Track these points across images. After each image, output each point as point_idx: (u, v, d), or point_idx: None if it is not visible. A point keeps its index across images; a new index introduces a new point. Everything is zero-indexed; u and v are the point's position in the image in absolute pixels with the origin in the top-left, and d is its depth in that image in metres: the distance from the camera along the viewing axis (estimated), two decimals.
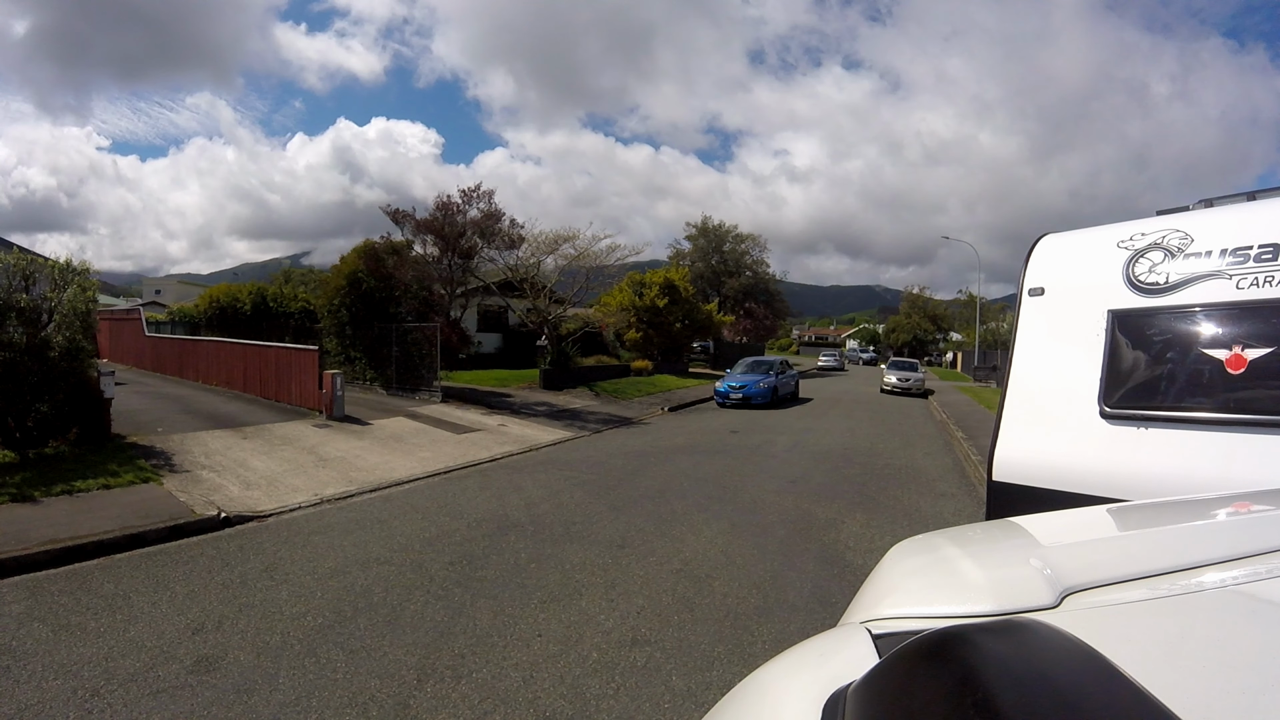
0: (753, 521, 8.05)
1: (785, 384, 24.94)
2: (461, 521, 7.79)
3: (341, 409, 15.06)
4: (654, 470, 11.20)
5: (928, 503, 9.51)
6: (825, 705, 0.88)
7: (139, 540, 6.71)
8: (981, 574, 1.43)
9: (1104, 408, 3.54)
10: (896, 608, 1.27)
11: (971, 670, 0.72)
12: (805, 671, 1.05)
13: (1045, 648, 0.78)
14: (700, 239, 55.54)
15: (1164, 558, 1.28)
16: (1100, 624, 0.99)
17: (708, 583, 6.00)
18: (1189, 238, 3.48)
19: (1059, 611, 1.06)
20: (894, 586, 1.46)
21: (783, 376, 24.71)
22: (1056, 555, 1.46)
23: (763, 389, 22.58)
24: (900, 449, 14.51)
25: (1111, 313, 3.63)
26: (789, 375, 25.82)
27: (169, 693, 3.99)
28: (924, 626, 0.98)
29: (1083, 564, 1.31)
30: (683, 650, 4.66)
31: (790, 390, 25.81)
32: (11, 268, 8.67)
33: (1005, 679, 0.69)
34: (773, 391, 23.03)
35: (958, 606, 1.19)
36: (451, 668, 4.34)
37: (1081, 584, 1.15)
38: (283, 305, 28.24)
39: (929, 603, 1.29)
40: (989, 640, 0.79)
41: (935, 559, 1.60)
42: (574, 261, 24.52)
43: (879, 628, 1.14)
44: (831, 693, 0.90)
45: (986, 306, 60.04)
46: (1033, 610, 1.07)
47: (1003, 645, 0.78)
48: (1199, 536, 1.62)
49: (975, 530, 2.01)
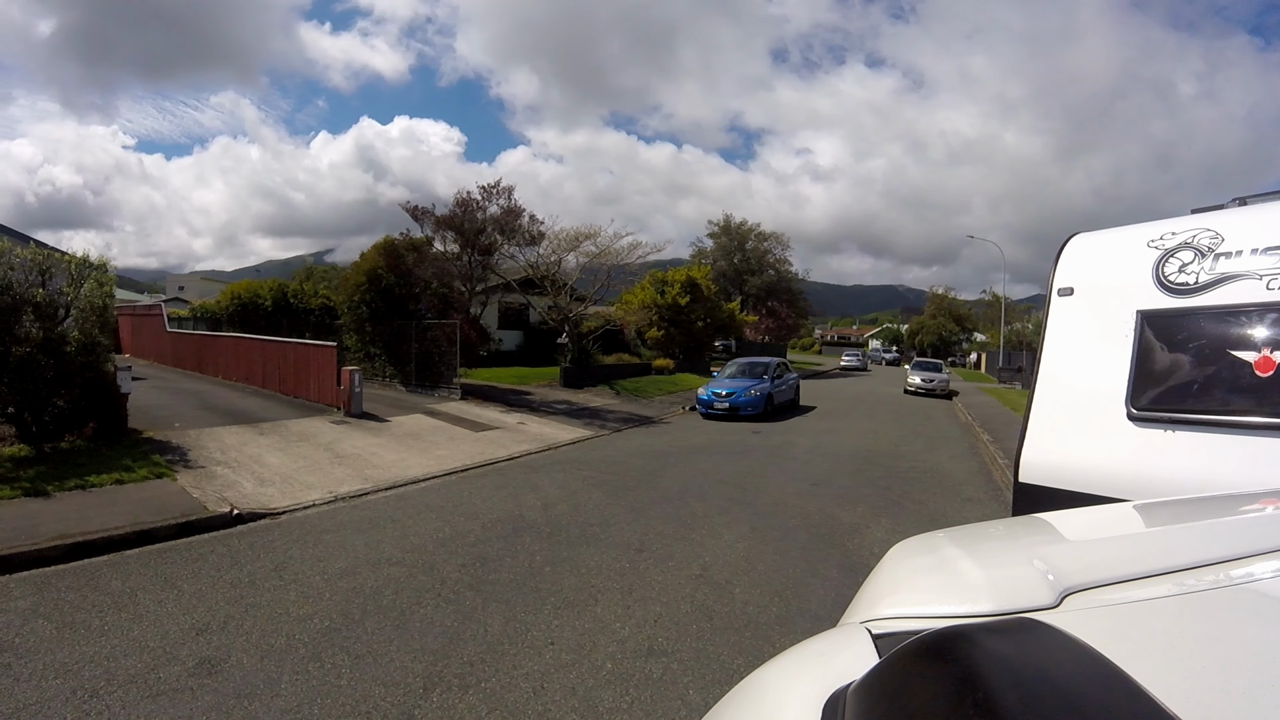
0: (774, 525, 7.83)
1: (783, 390, 21.33)
2: (476, 522, 7.64)
3: (359, 405, 15.02)
4: (674, 471, 11.01)
5: (954, 507, 9.24)
6: (825, 705, 0.87)
7: (149, 537, 6.63)
8: (981, 574, 1.42)
9: (1131, 410, 3.50)
10: (896, 607, 1.28)
11: (972, 670, 0.71)
12: (805, 671, 1.05)
13: (1046, 648, 0.77)
14: (722, 237, 55.31)
15: (1164, 557, 1.29)
16: (1100, 624, 1.00)
17: (727, 590, 5.79)
18: (1219, 237, 3.42)
19: (1059, 611, 1.06)
20: (894, 586, 1.47)
21: (779, 381, 21.05)
22: (1057, 555, 1.46)
23: (754, 397, 18.83)
24: (925, 451, 14.21)
25: (1140, 313, 3.59)
26: (787, 380, 22.19)
27: (168, 695, 3.87)
28: (924, 626, 0.98)
29: (1083, 564, 1.33)
30: (700, 662, 4.46)
31: (788, 398, 22.09)
32: (28, 263, 8.66)
33: (1005, 679, 0.69)
34: (766, 400, 19.31)
35: (958, 606, 1.19)
36: (459, 676, 4.17)
37: (1082, 584, 1.15)
38: (303, 302, 28.38)
39: (929, 602, 1.29)
40: (989, 640, 0.78)
41: (935, 559, 1.60)
42: (595, 259, 24.42)
43: (879, 628, 1.14)
44: (831, 693, 0.89)
45: (1011, 307, 59.38)
46: (1033, 610, 1.07)
47: (1003, 645, 0.77)
48: (1200, 536, 1.62)
49: (976, 530, 2.01)
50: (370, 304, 21.33)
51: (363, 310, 21.52)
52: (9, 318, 8.45)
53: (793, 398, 22.49)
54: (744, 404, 18.53)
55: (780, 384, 20.92)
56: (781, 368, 22.12)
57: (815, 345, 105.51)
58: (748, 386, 19.12)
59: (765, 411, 19.09)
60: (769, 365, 21.30)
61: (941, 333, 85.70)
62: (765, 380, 19.94)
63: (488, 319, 25.91)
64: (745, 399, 18.60)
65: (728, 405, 18.52)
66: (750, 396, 18.69)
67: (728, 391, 18.78)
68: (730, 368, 21.89)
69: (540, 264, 23.83)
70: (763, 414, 18.86)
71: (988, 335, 72.98)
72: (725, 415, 18.50)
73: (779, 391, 20.62)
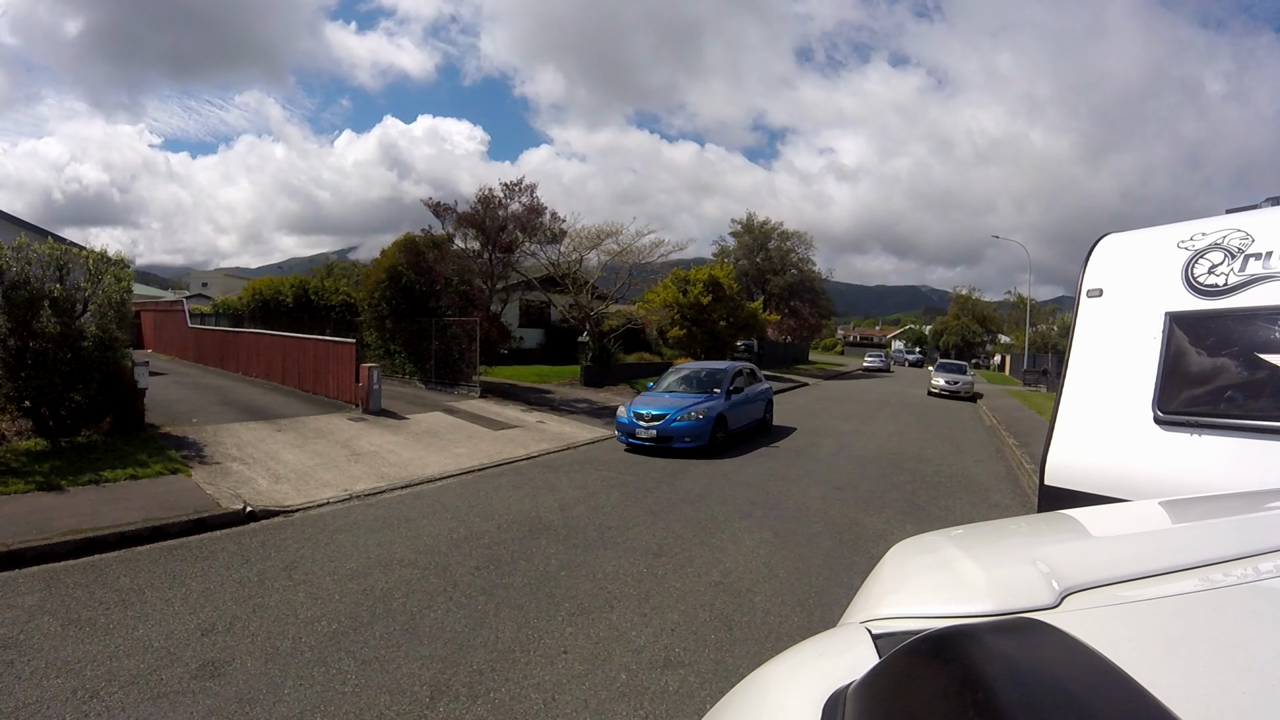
0: (797, 530, 7.60)
1: (744, 409, 14.81)
2: (492, 523, 7.50)
3: (378, 402, 14.97)
4: (694, 472, 10.81)
5: (981, 513, 8.95)
6: (825, 705, 0.87)
7: (161, 533, 6.57)
8: (982, 574, 1.41)
9: (1158, 413, 3.46)
10: (897, 607, 1.27)
11: (972, 670, 0.71)
12: (805, 671, 1.05)
13: (1046, 648, 0.77)
14: (745, 236, 54.92)
15: (1166, 557, 1.28)
16: (1101, 624, 0.99)
17: (748, 598, 5.58)
18: (1249, 238, 3.36)
19: (1059, 611, 1.05)
20: (894, 586, 1.46)
21: (739, 397, 14.57)
22: (1057, 555, 1.43)
23: (695, 422, 12.60)
24: (950, 455, 13.89)
25: (1169, 315, 3.55)
26: (752, 394, 15.55)
27: (169, 698, 3.78)
28: (924, 626, 0.97)
29: (1083, 563, 1.32)
30: (719, 675, 4.25)
31: (754, 419, 15.56)
32: (45, 258, 8.65)
33: (1006, 679, 0.68)
34: (715, 425, 12.88)
35: (958, 606, 1.19)
36: (468, 685, 4.01)
37: (1082, 584, 1.14)
38: (324, 298, 28.48)
39: (929, 602, 1.29)
40: (989, 640, 0.78)
41: (936, 559, 1.59)
42: (617, 257, 24.27)
43: (879, 628, 1.13)
44: (831, 693, 0.89)
45: (1036, 308, 58.52)
46: (1033, 610, 1.06)
47: (1003, 645, 0.77)
48: (1202, 535, 1.61)
49: (976, 530, 1.99)
50: (391, 301, 21.33)
51: (383, 307, 21.53)
52: (27, 312, 8.46)
53: (761, 418, 16.04)
54: (679, 431, 12.50)
55: (739, 401, 14.56)
56: (745, 376, 15.73)
57: (838, 346, 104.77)
58: (688, 406, 13.00)
59: (713, 441, 12.82)
60: (725, 374, 14.73)
61: (965, 334, 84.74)
62: (717, 397, 13.70)
63: (508, 317, 25.85)
64: (682, 424, 12.55)
65: (655, 433, 12.58)
66: (689, 421, 12.60)
67: (656, 413, 12.80)
68: (670, 377, 15.39)
69: (561, 262, 23.73)
70: (709, 445, 12.68)
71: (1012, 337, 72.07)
72: (653, 448, 12.67)
73: (738, 411, 14.40)
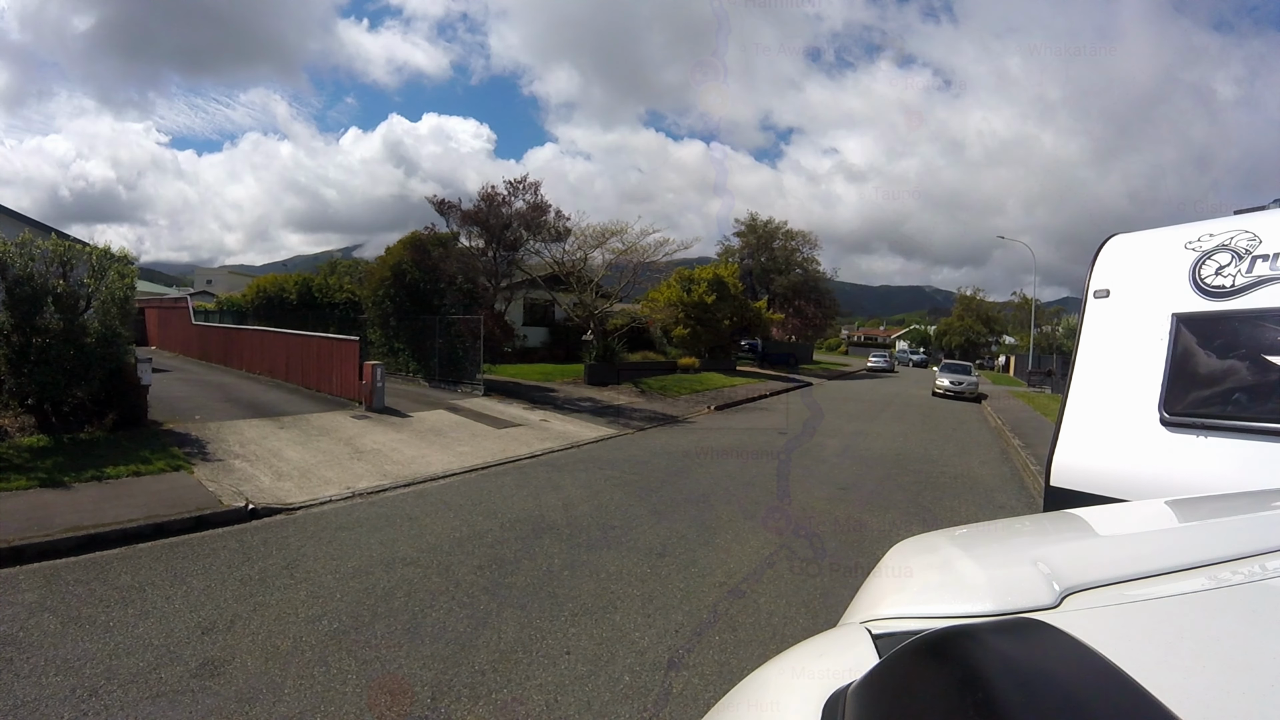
0: (802, 531, 7.55)
1: None
2: (495, 521, 7.46)
3: (381, 400, 14.94)
4: (699, 472, 10.74)
5: (986, 515, 8.90)
6: (825, 705, 0.87)
7: (163, 530, 6.53)
8: (982, 574, 1.42)
9: (1164, 415, 3.47)
10: (896, 607, 1.27)
11: (972, 670, 0.71)
12: (805, 671, 1.04)
13: (1046, 648, 0.77)
14: (750, 235, 54.84)
15: (1165, 557, 1.28)
16: (1101, 624, 0.99)
17: (752, 599, 5.54)
18: (1257, 239, 3.36)
19: (1060, 611, 1.06)
20: (894, 586, 1.45)
21: None
22: (1057, 555, 1.43)
23: None
24: (955, 456, 13.83)
25: (1175, 317, 3.54)
26: None
27: (168, 697, 3.74)
28: (924, 626, 0.98)
29: (1083, 563, 1.32)
30: (722, 676, 4.21)
31: None
32: (49, 254, 8.63)
33: (1006, 679, 0.68)
34: None
35: (958, 606, 1.19)
36: (470, 686, 3.97)
37: (1082, 584, 1.14)
38: (328, 296, 28.47)
39: (929, 602, 1.28)
40: (989, 640, 0.78)
41: (936, 558, 1.60)
42: (621, 256, 24.16)
43: (879, 628, 1.14)
44: (831, 693, 0.89)
45: (1041, 309, 58.31)
46: (1033, 610, 1.06)
47: (1003, 645, 0.77)
48: (1201, 535, 1.62)
49: (976, 530, 2.00)
50: (395, 299, 21.31)
51: (387, 305, 21.51)
52: (29, 308, 8.45)
53: None
54: None
55: None
56: None
57: (842, 346, 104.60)
58: None
59: None
60: None
61: (969, 335, 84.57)
62: None
63: (513, 315, 25.80)
64: None
65: None
66: None
67: None
68: None
69: (566, 260, 23.65)
70: None
71: (1017, 338, 71.86)
72: None
73: None
